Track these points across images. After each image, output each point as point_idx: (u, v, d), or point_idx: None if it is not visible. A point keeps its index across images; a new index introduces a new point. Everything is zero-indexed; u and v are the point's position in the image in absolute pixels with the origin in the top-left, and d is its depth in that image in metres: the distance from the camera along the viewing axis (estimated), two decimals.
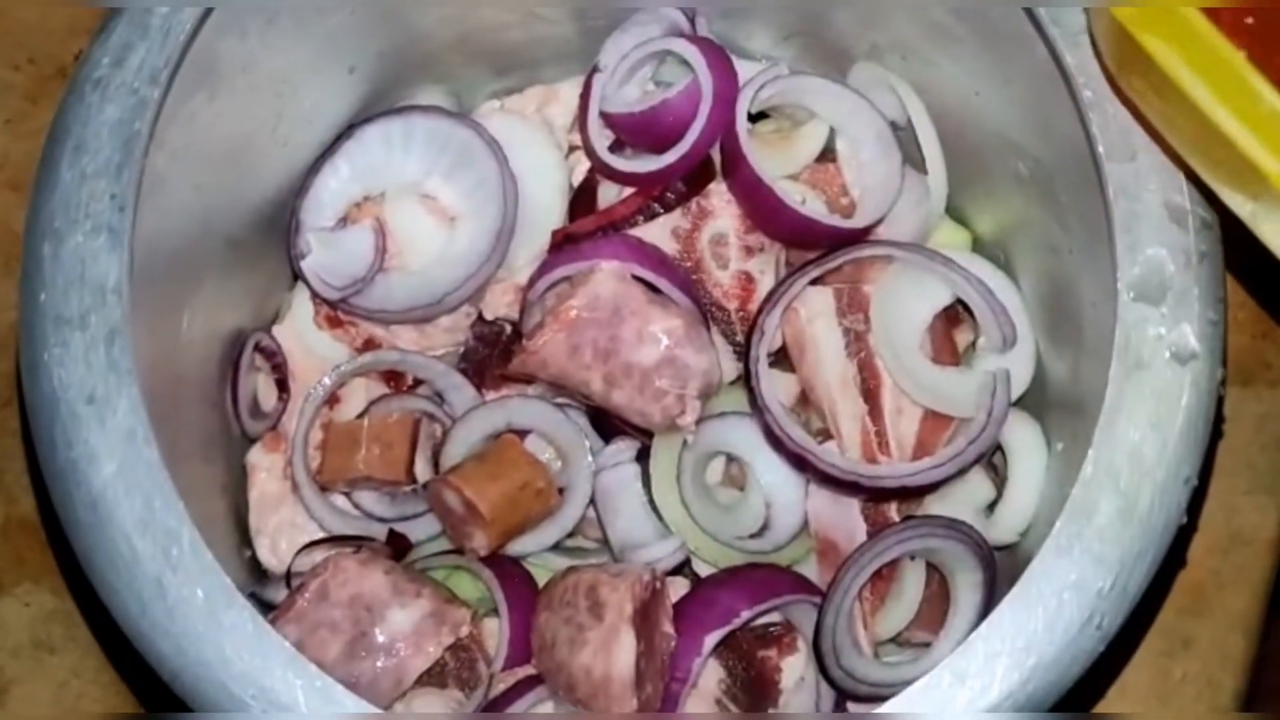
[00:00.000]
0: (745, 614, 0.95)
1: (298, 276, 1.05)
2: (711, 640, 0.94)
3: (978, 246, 1.07)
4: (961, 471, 0.97)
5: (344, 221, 1.05)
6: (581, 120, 1.05)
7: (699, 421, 1.00)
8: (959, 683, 0.77)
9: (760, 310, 0.99)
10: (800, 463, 0.98)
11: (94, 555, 0.81)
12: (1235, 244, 0.84)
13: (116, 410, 0.81)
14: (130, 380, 0.82)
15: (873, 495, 0.99)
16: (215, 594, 0.80)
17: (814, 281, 1.00)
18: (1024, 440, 0.99)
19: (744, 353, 1.00)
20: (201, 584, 0.80)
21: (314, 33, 0.98)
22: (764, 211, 1.01)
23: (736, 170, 1.01)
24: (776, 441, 0.98)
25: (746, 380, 0.99)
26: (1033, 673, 0.77)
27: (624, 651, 0.91)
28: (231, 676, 0.79)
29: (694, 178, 1.02)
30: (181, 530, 0.80)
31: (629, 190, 1.04)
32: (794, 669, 0.99)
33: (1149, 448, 0.81)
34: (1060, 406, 0.97)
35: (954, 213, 1.07)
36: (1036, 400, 1.00)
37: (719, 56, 1.02)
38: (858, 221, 1.02)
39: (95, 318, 0.82)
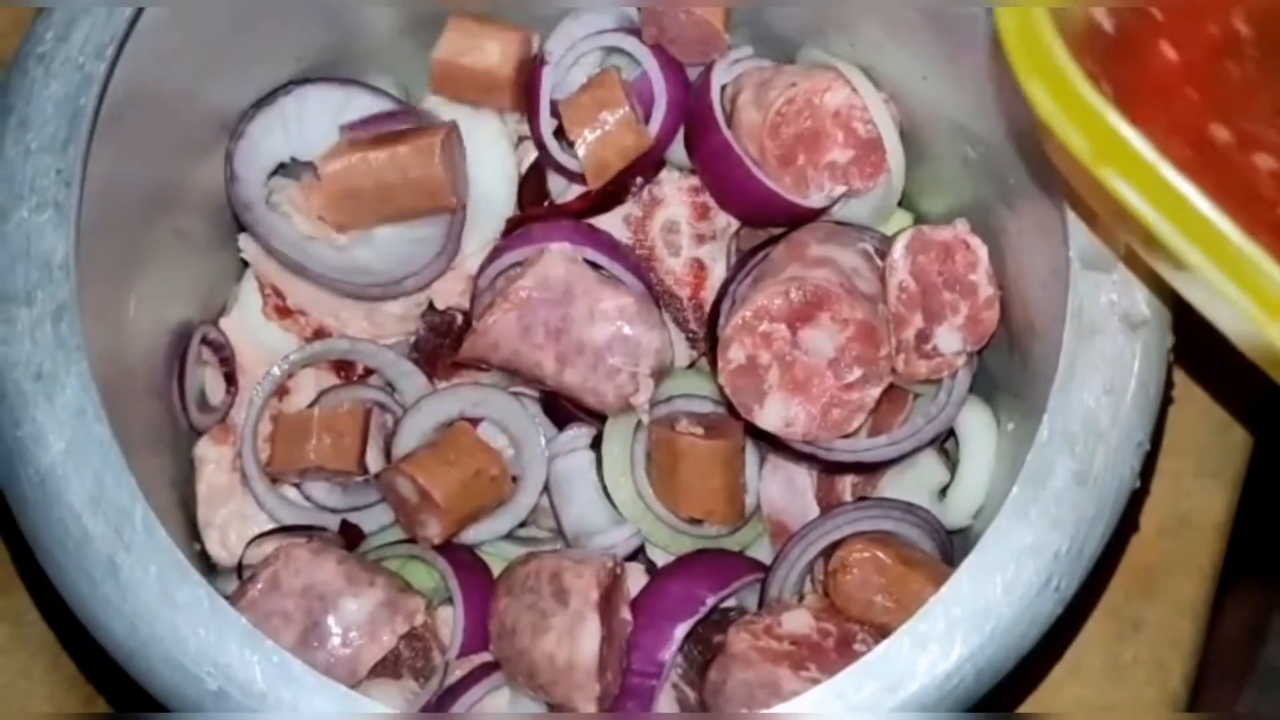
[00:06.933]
0: (710, 601, 0.95)
1: (245, 264, 1.04)
2: (681, 631, 0.94)
3: None
4: (919, 447, 0.98)
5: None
6: (531, 113, 1.05)
7: (653, 404, 0.99)
8: (919, 648, 0.77)
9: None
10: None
11: (42, 535, 0.80)
12: None
13: (65, 387, 0.80)
14: (79, 357, 0.81)
15: (836, 469, 0.99)
16: (169, 571, 0.78)
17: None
18: (975, 423, 0.99)
19: (709, 327, 0.99)
20: (155, 561, 0.78)
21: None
22: (729, 182, 1.02)
23: (705, 138, 1.01)
24: None
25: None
26: (991, 635, 0.78)
27: (589, 638, 0.90)
28: (187, 654, 0.78)
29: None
30: (134, 508, 0.79)
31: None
32: None
33: (1102, 412, 0.82)
34: (1011, 388, 0.98)
35: (901, 199, 1.07)
36: (987, 383, 1.01)
37: (670, 61, 1.03)
38: (815, 202, 1.02)
39: (42, 294, 0.81)
